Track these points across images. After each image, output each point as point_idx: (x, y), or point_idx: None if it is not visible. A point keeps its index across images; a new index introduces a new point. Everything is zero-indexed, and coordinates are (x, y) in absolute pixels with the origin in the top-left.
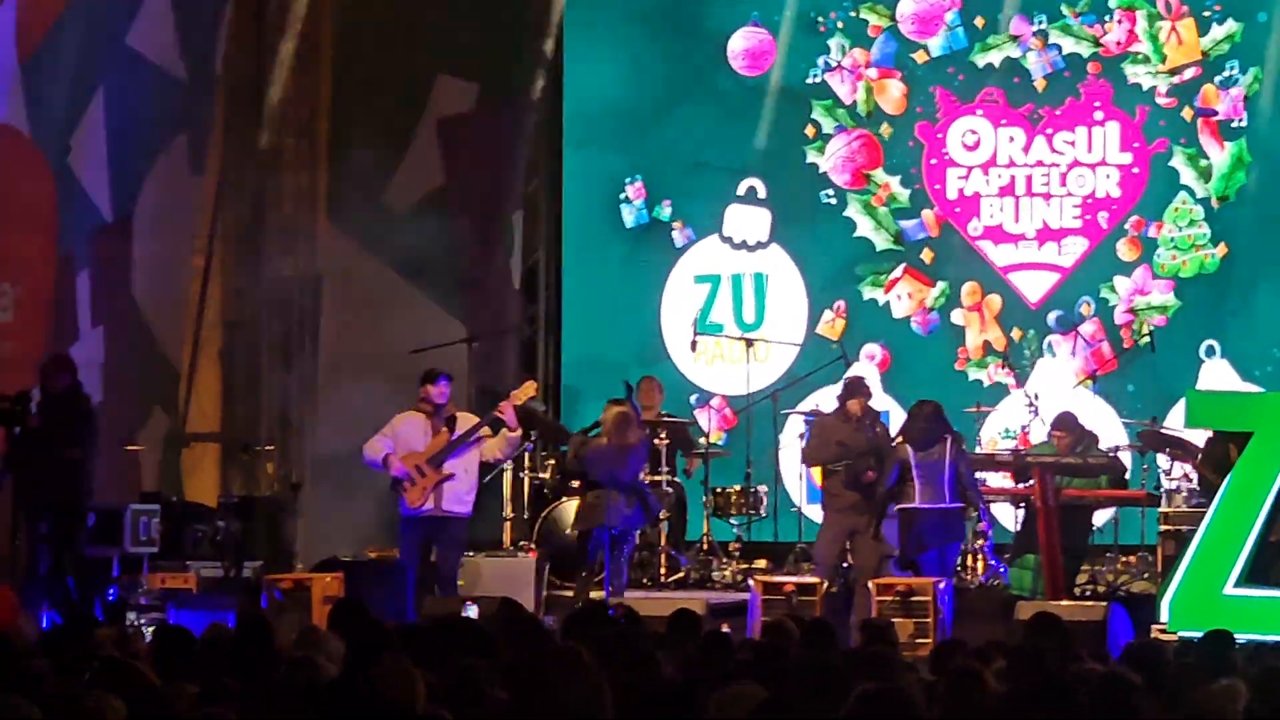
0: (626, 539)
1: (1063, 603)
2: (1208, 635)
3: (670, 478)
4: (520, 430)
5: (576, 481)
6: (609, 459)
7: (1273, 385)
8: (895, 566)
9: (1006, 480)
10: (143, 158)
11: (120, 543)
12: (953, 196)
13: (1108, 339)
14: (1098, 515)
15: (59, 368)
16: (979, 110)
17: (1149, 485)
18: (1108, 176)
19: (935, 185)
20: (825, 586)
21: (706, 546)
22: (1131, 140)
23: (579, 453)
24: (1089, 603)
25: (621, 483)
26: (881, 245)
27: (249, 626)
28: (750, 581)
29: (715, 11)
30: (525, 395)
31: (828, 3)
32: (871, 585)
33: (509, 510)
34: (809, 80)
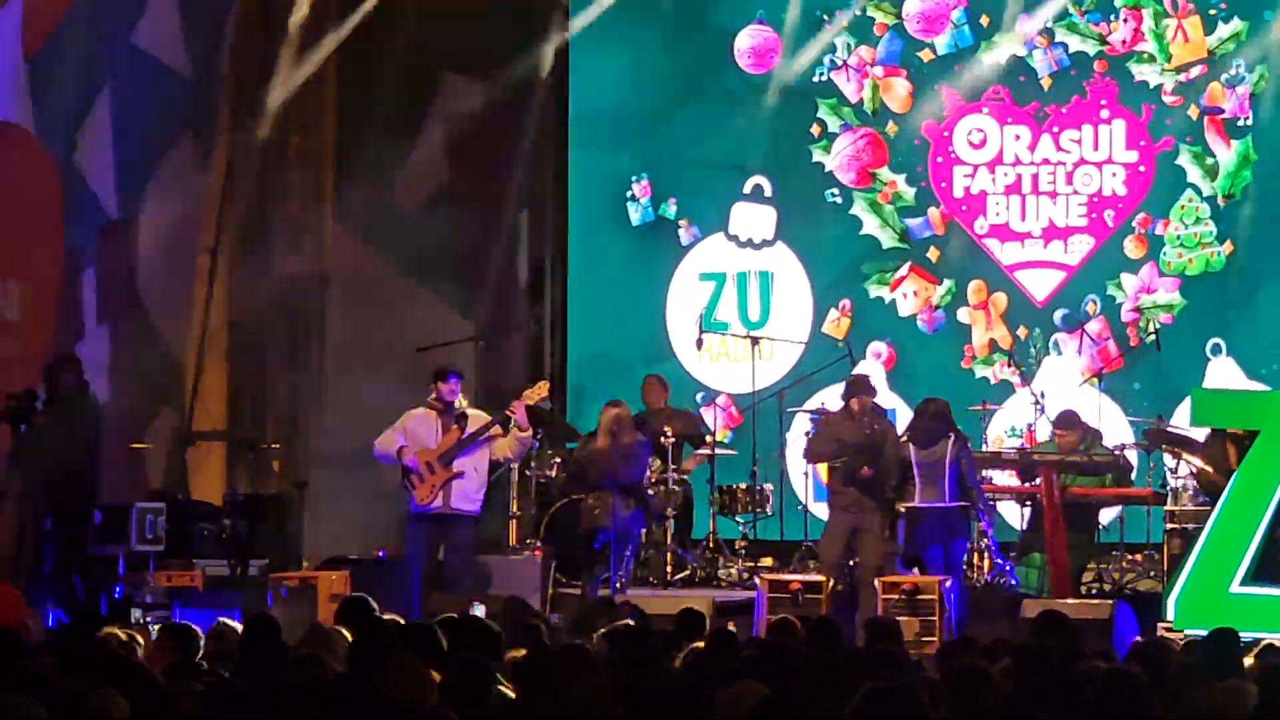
0: (628, 539)
1: (1069, 601)
2: (1213, 633)
3: (679, 476)
4: (531, 430)
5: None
6: (605, 461)
7: (1279, 383)
8: (901, 564)
9: (1012, 479)
10: (148, 155)
11: (126, 541)
12: (959, 195)
13: (1114, 337)
14: (1104, 513)
15: (65, 366)
16: (985, 108)
17: (1155, 483)
18: (1114, 175)
19: (941, 183)
20: (831, 585)
21: (712, 545)
22: (1138, 138)
23: (577, 455)
24: (1095, 601)
25: (619, 485)
26: (887, 243)
27: (255, 625)
28: (756, 580)
29: (721, 9)
30: (537, 395)
31: (833, 1)
32: (877, 583)
33: (515, 508)
34: (814, 79)
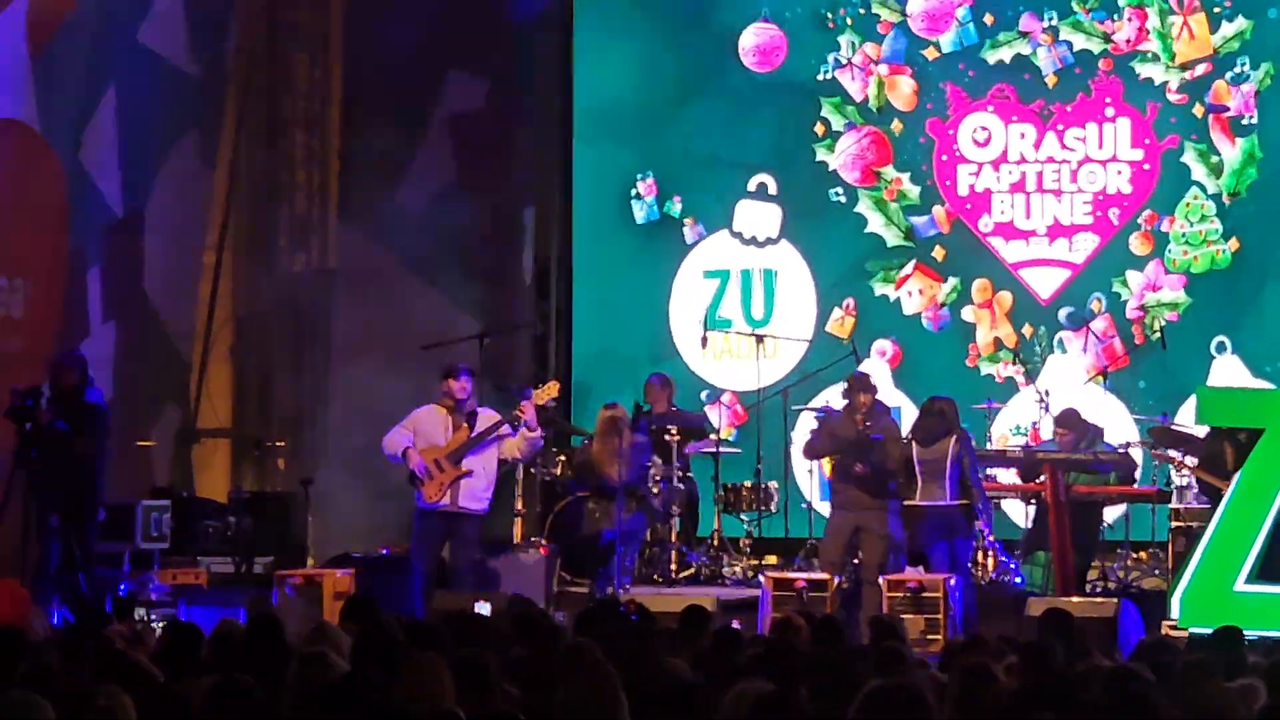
0: (632, 539)
1: (1073, 599)
2: (1218, 632)
3: (683, 473)
4: (540, 431)
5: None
6: (602, 464)
7: None
8: (905, 562)
9: (1016, 477)
10: (154, 153)
11: (131, 538)
12: (964, 193)
13: (1119, 335)
14: (1108, 511)
15: (70, 364)
16: (990, 106)
17: (1160, 481)
18: (1119, 173)
19: (946, 181)
20: (836, 583)
21: (717, 542)
22: (1142, 136)
23: (577, 459)
24: (1100, 599)
25: (617, 486)
26: (892, 241)
27: (259, 623)
28: (761, 578)
29: (726, 7)
30: (548, 396)
31: None
32: (882, 581)
33: (520, 506)
34: (819, 77)
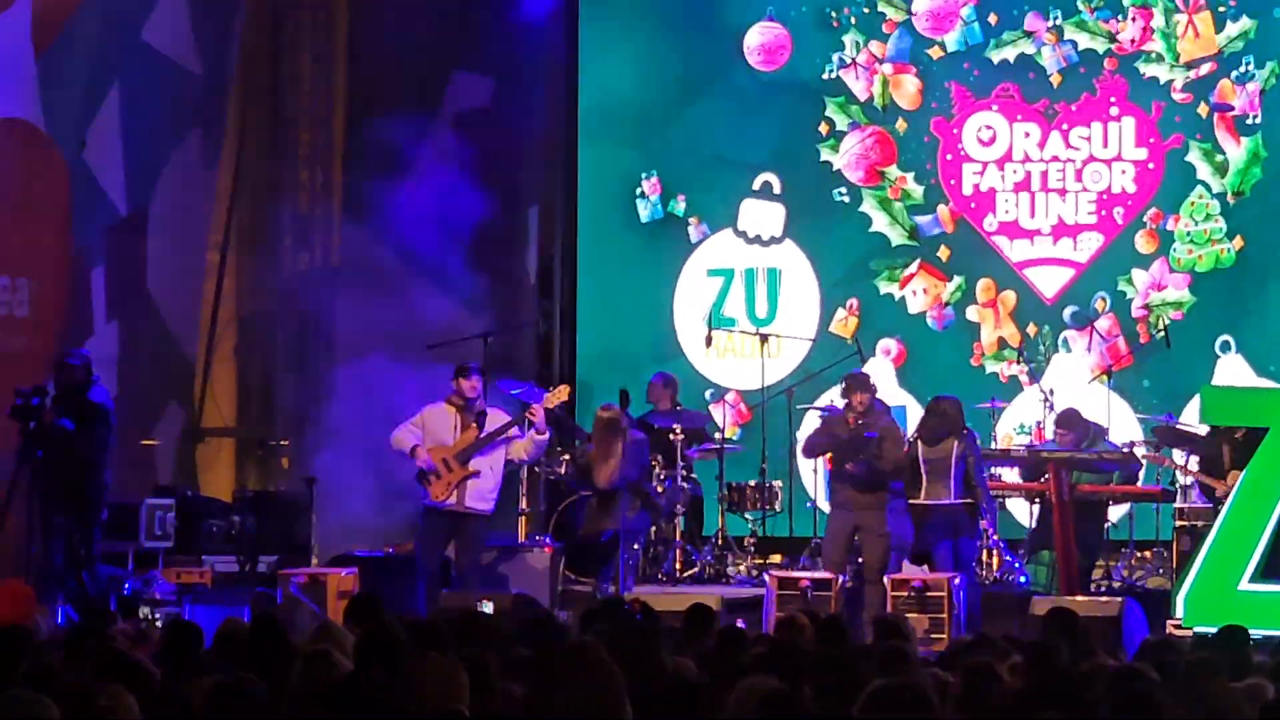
0: (634, 538)
1: (1078, 598)
2: (1223, 631)
3: (686, 473)
4: (548, 434)
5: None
6: (600, 465)
7: None
8: (907, 560)
9: (1019, 476)
10: (158, 153)
11: (135, 537)
12: (968, 192)
13: (1123, 334)
14: (1112, 511)
15: (74, 363)
16: (994, 106)
17: (1164, 481)
18: (1123, 172)
19: (951, 181)
20: (840, 582)
21: (721, 542)
22: (1147, 136)
23: (576, 460)
24: (1104, 598)
25: (618, 486)
26: (896, 241)
27: (261, 624)
28: (765, 577)
29: (731, 6)
30: (557, 399)
31: None
32: (886, 581)
33: (525, 505)
34: (824, 76)
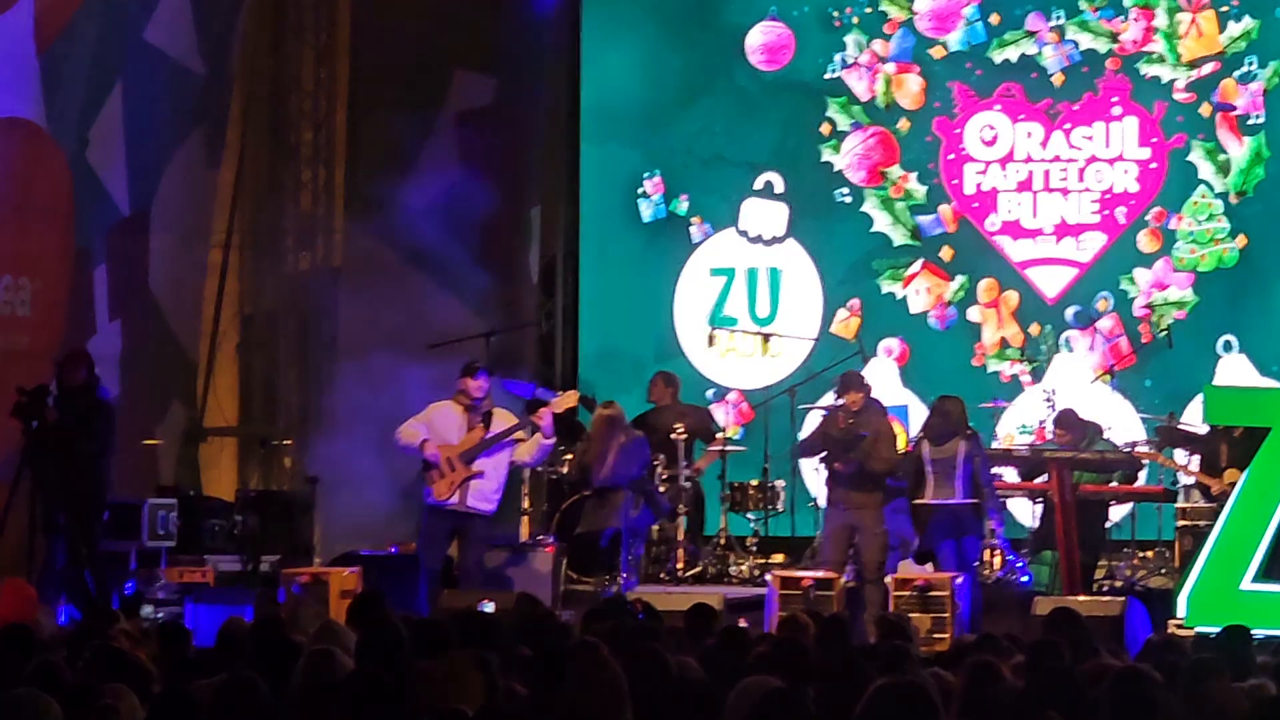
0: (636, 536)
1: (1080, 598)
2: (1225, 630)
3: (690, 472)
4: (554, 439)
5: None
6: (600, 462)
7: None
8: (912, 560)
9: (1018, 475)
10: (160, 152)
11: (138, 537)
12: (970, 192)
13: (1125, 334)
14: (1114, 510)
15: (76, 362)
16: (997, 105)
17: (1166, 481)
18: (1125, 172)
19: (953, 180)
20: (843, 581)
21: (724, 541)
22: (1149, 135)
23: (577, 458)
24: (1106, 598)
25: (620, 483)
26: (899, 241)
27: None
28: (768, 576)
29: (733, 6)
30: (565, 405)
31: None
32: (889, 580)
33: (527, 505)
34: (826, 76)
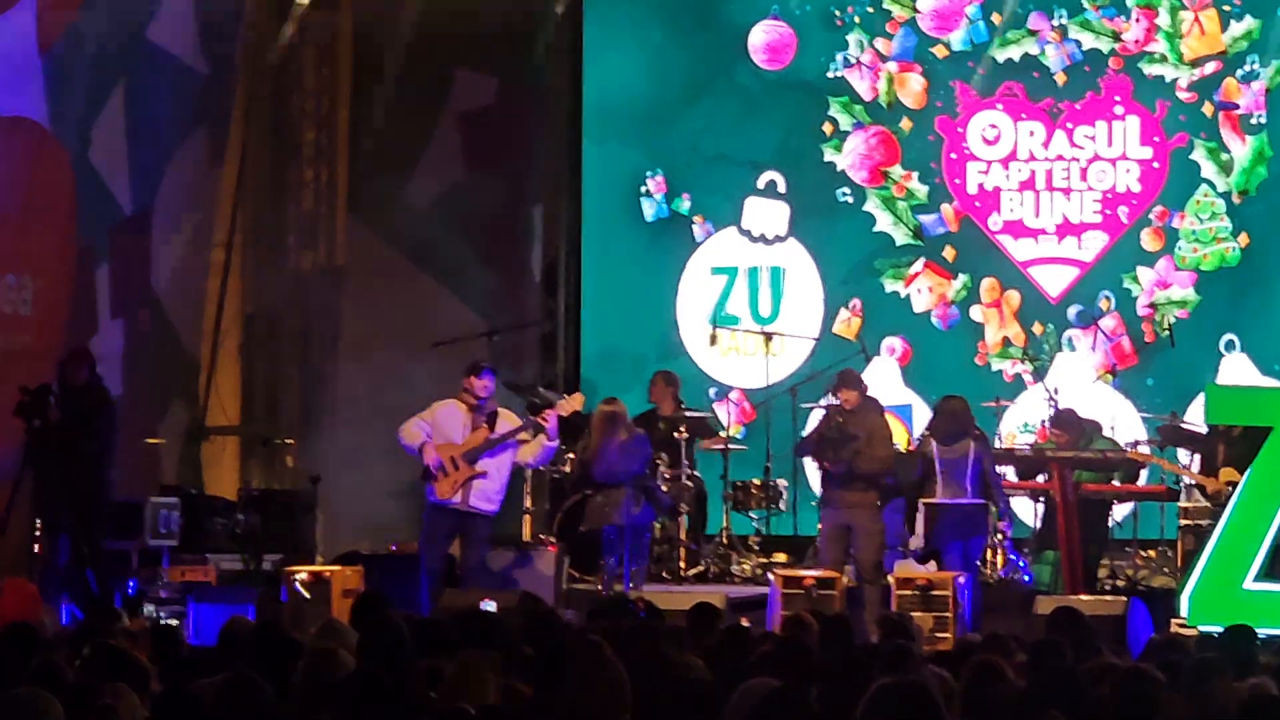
0: (640, 534)
1: (1083, 597)
2: (1229, 630)
3: (690, 472)
4: (558, 441)
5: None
6: (600, 458)
7: None
8: (914, 559)
9: (1016, 475)
10: (163, 151)
11: (140, 536)
12: (973, 191)
13: (1128, 334)
14: (1117, 509)
15: (78, 361)
16: (999, 104)
17: (1169, 480)
18: (1128, 171)
19: (955, 180)
20: (845, 580)
21: (726, 540)
22: (1152, 134)
23: (577, 455)
24: (1109, 597)
25: (621, 480)
26: (901, 240)
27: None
28: (770, 576)
29: (735, 5)
30: (571, 407)
31: None
32: (891, 579)
33: (529, 504)
34: (828, 75)
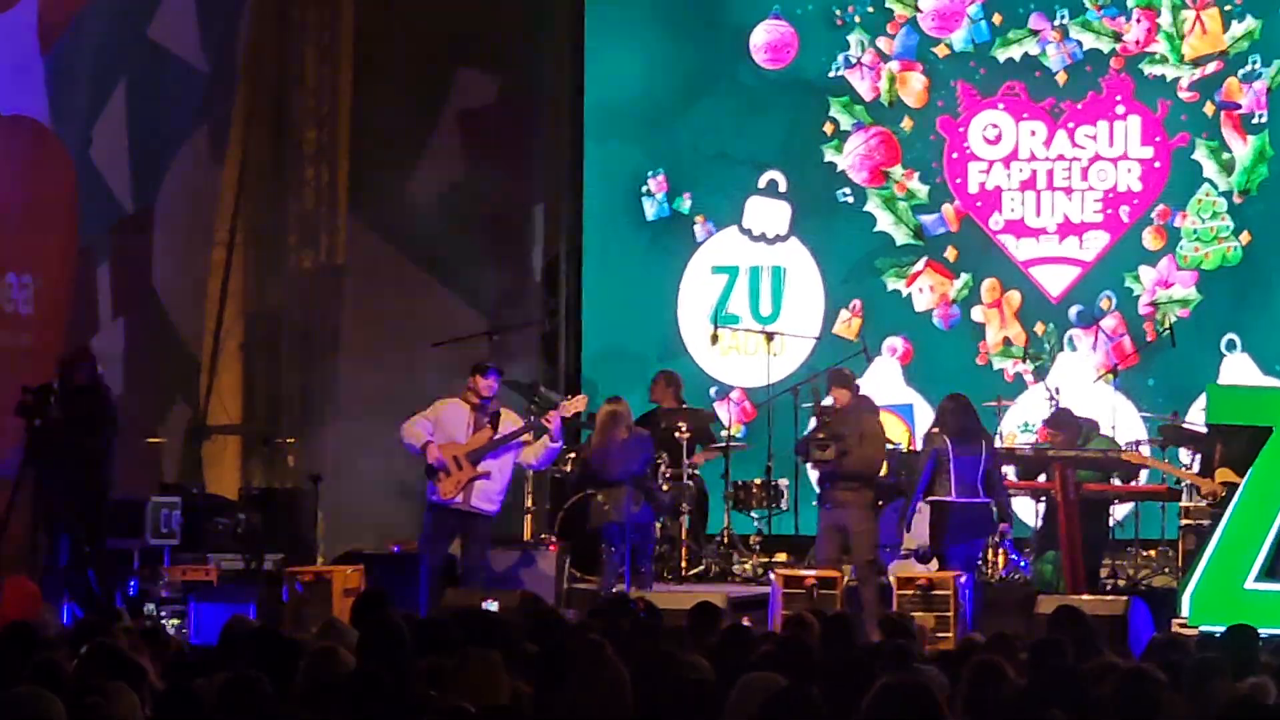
0: (642, 533)
1: (1084, 597)
2: (1230, 630)
3: (692, 471)
4: (561, 443)
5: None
6: (601, 457)
7: None
8: (915, 559)
9: (1015, 475)
10: (164, 150)
11: (141, 535)
12: (974, 191)
13: (1129, 333)
14: (1117, 509)
15: (80, 360)
16: (1000, 104)
17: (1170, 480)
18: (1129, 170)
19: (956, 179)
20: (846, 580)
21: (727, 540)
22: (1153, 134)
23: (580, 454)
24: (1110, 597)
25: (621, 479)
26: (901, 240)
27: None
28: (771, 575)
29: (736, 4)
30: (574, 409)
31: None
32: (891, 579)
33: (531, 503)
34: (829, 74)
